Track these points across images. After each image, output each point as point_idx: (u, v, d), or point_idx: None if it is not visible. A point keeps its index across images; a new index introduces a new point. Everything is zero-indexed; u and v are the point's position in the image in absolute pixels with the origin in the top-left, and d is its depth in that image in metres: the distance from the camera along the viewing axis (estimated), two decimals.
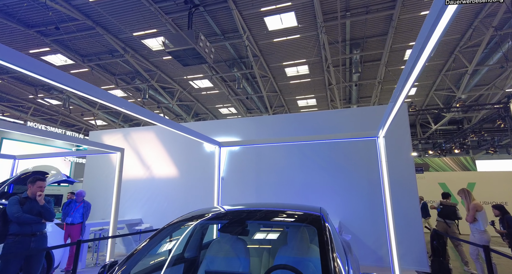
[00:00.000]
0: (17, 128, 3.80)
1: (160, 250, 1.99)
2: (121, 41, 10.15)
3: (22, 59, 1.88)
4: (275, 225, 2.29)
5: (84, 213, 5.06)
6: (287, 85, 13.68)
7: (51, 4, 7.95)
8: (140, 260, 1.75)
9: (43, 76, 2.01)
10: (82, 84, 2.31)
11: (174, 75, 12.76)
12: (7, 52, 1.75)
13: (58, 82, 2.13)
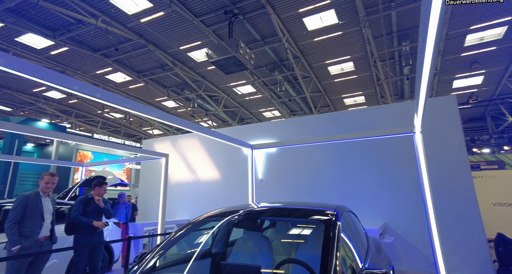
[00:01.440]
0: (85, 141, 4.39)
1: (184, 244, 2.11)
2: (170, 55, 10.99)
3: (79, 84, 2.20)
4: (291, 223, 2.31)
5: (127, 213, 5.57)
6: (332, 84, 13.24)
7: (111, 29, 9.00)
8: (166, 252, 1.92)
9: (95, 97, 2.32)
10: (127, 102, 2.62)
11: (219, 83, 13.32)
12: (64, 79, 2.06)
13: (112, 102, 2.46)
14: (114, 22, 8.91)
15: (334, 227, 1.81)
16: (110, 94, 2.64)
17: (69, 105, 16.23)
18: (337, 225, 1.82)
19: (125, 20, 8.99)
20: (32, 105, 15.51)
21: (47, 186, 3.09)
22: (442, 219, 4.28)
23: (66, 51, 10.66)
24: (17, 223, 2.93)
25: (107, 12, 8.57)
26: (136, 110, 2.78)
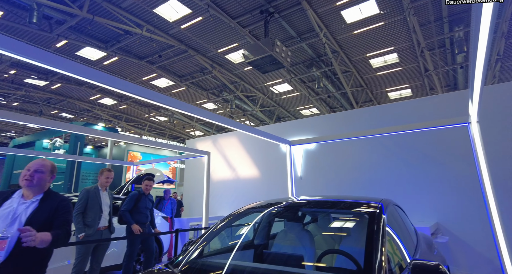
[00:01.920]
0: (136, 140, 4.76)
1: (227, 234, 2.17)
2: (208, 58, 11.39)
3: (133, 87, 2.41)
4: (333, 216, 2.24)
5: (172, 208, 5.95)
6: (374, 78, 12.58)
7: (155, 36, 9.61)
8: (211, 241, 2.01)
9: (145, 97, 2.52)
10: (174, 101, 2.79)
11: (256, 83, 13.45)
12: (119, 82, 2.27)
13: (158, 101, 2.66)
14: (157, 30, 9.50)
15: (379, 220, 1.72)
16: (165, 97, 2.86)
17: (120, 111, 17.69)
18: (382, 218, 1.73)
19: (167, 28, 9.52)
20: (89, 112, 17.23)
21: (107, 180, 3.53)
22: (509, 219, 3.80)
23: (116, 60, 11.65)
24: (81, 214, 3.34)
25: (150, 21, 9.17)
26: (188, 111, 3.02)
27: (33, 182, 1.71)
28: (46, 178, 1.78)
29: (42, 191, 1.78)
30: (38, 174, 1.73)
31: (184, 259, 1.81)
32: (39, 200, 1.72)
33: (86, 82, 13.78)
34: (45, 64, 2.00)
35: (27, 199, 1.71)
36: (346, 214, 2.15)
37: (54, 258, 1.79)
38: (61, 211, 1.72)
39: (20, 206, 1.66)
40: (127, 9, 8.59)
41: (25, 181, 1.69)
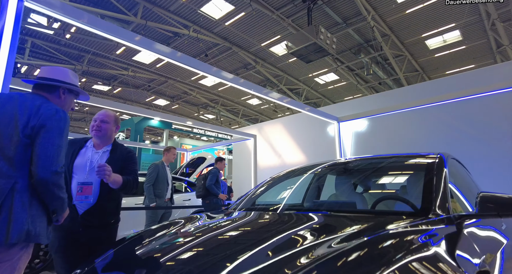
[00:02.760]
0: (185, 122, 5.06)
1: (275, 192, 2.17)
2: (252, 54, 11.52)
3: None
4: (386, 172, 2.02)
5: (223, 191, 6.23)
6: (431, 60, 11.42)
7: (201, 36, 10.04)
8: (259, 196, 2.08)
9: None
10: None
11: (299, 75, 13.21)
12: None
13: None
14: (202, 30, 9.90)
15: (439, 169, 1.52)
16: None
17: (172, 110, 18.91)
18: (443, 168, 1.53)
19: (211, 26, 9.86)
20: (186, 96, 18.44)
21: (173, 156, 4.05)
22: None
23: (167, 63, 12.46)
24: (152, 185, 3.75)
25: (196, 22, 9.58)
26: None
27: (101, 132, 1.85)
28: (112, 128, 1.90)
29: (110, 141, 1.92)
30: (104, 124, 1.85)
31: (238, 206, 1.94)
32: (109, 150, 1.88)
33: (142, 85, 15.02)
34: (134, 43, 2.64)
35: (98, 149, 1.87)
36: (402, 168, 1.95)
37: (122, 226, 1.99)
38: (130, 162, 1.89)
39: (94, 155, 1.83)
40: (175, 12, 9.10)
41: (95, 131, 1.84)
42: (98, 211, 1.73)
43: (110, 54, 11.70)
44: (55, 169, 1.25)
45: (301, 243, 1.03)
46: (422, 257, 0.88)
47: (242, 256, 0.92)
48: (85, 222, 1.70)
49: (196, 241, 1.16)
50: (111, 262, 1.22)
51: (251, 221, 1.48)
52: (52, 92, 1.50)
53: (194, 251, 1.07)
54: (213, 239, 1.18)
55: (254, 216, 1.59)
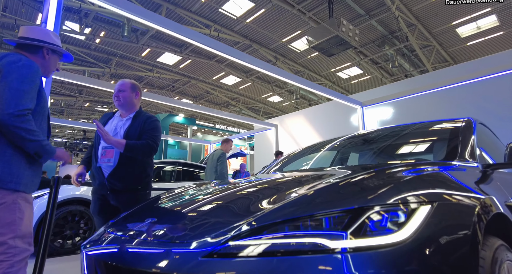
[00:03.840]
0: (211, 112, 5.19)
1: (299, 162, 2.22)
2: (272, 51, 11.55)
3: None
4: (409, 141, 1.95)
5: None
6: (463, 49, 10.85)
7: (222, 35, 10.22)
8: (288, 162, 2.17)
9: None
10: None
11: (321, 70, 13.06)
12: None
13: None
14: (223, 29, 10.08)
15: (468, 129, 1.50)
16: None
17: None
18: (472, 129, 1.51)
19: (232, 25, 10.02)
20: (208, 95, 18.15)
21: (231, 148, 4.58)
22: None
23: (189, 63, 12.81)
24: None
25: (217, 21, 9.78)
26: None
27: (121, 101, 1.99)
28: (130, 95, 2.02)
29: (134, 110, 2.05)
30: (121, 93, 2.00)
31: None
32: (131, 117, 2.02)
33: (167, 85, 15.53)
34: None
35: (123, 117, 2.04)
36: (429, 133, 1.89)
37: None
38: (147, 127, 1.97)
39: (119, 123, 2.01)
40: (197, 12, 9.34)
41: (115, 102, 2.01)
42: (119, 174, 1.87)
43: (136, 56, 12.22)
44: (11, 111, 1.23)
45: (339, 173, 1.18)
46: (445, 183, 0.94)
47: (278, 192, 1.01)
48: (111, 186, 1.87)
49: (223, 193, 1.24)
50: (136, 215, 1.32)
51: (280, 176, 1.57)
52: (35, 52, 1.49)
53: (223, 200, 1.16)
54: (245, 188, 1.26)
55: (283, 174, 1.69)
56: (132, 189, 1.91)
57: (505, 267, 0.79)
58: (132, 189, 1.91)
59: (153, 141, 1.92)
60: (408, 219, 0.72)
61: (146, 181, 2.00)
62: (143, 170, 1.98)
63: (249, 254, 0.71)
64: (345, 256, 0.65)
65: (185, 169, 5.07)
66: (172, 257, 0.76)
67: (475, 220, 0.76)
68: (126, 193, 1.89)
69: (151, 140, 1.92)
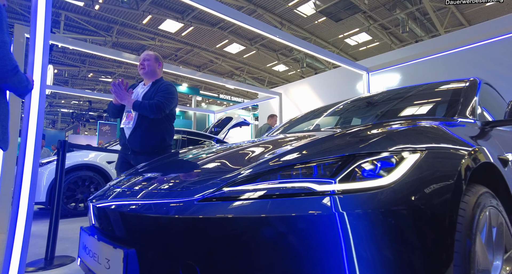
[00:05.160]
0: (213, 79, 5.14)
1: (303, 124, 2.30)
2: (277, 16, 11.02)
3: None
4: (411, 103, 1.95)
5: None
6: (481, 11, 10.18)
7: (225, 0, 9.73)
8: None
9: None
10: None
11: (328, 37, 12.53)
12: None
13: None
14: None
15: (471, 88, 1.50)
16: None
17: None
18: (475, 87, 1.51)
19: None
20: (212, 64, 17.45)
21: (275, 122, 4.74)
22: None
23: (192, 30, 12.37)
24: None
25: None
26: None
27: (145, 69, 2.16)
28: (154, 64, 2.18)
29: (156, 78, 2.23)
30: (146, 62, 2.16)
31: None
32: (150, 85, 2.19)
33: (169, 54, 15.18)
34: None
35: (146, 84, 2.22)
36: (432, 95, 1.89)
37: None
38: (161, 91, 2.09)
39: (141, 89, 2.20)
40: None
41: (140, 70, 2.17)
42: (137, 136, 2.03)
43: (137, 24, 11.83)
44: None
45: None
46: (434, 134, 0.98)
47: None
48: (131, 147, 2.05)
49: (224, 152, 1.29)
50: (140, 171, 1.40)
51: (281, 136, 1.63)
52: None
53: (228, 155, 1.21)
54: (245, 147, 1.30)
55: (285, 134, 1.76)
56: (150, 152, 2.04)
57: (488, 212, 0.83)
58: (149, 152, 2.04)
59: (162, 101, 2.02)
60: (396, 166, 0.74)
61: (164, 146, 2.12)
62: (160, 135, 2.10)
63: (242, 198, 0.75)
64: (333, 198, 0.68)
65: (190, 137, 5.14)
66: (171, 202, 0.81)
67: (461, 167, 0.78)
68: (144, 155, 2.02)
69: (160, 100, 2.02)
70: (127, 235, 0.88)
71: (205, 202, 0.77)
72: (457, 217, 0.72)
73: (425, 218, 0.69)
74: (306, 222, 0.66)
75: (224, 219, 0.71)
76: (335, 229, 0.64)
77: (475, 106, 1.38)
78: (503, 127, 1.38)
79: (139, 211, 0.86)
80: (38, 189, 3.34)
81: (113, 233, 0.93)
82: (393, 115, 1.77)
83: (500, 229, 0.89)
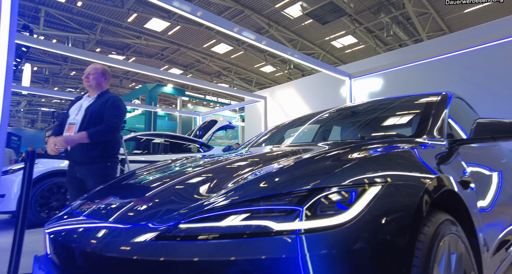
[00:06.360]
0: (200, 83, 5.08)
1: (280, 136, 2.31)
2: (265, 17, 11.01)
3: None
4: (384, 116, 1.99)
5: None
6: (460, 17, 10.49)
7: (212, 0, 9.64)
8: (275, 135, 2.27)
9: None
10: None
11: (315, 38, 12.62)
12: None
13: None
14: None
15: (441, 104, 1.53)
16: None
17: None
18: (444, 104, 1.55)
19: None
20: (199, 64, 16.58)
21: None
22: None
23: (178, 30, 12.20)
24: None
25: None
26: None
27: (90, 82, 2.14)
28: (100, 78, 2.17)
29: (101, 90, 2.20)
30: (91, 75, 2.14)
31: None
32: (96, 97, 2.16)
33: (156, 53, 14.90)
34: None
35: (90, 96, 2.18)
36: (406, 107, 1.93)
37: None
38: (109, 108, 2.06)
39: (85, 101, 2.15)
40: None
41: (85, 82, 2.16)
42: (77, 147, 1.99)
43: (122, 22, 11.56)
44: None
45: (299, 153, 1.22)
46: (404, 160, 0.99)
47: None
48: (73, 158, 2.03)
49: (185, 173, 1.24)
50: (100, 192, 1.33)
51: (253, 152, 1.59)
52: None
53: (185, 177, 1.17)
54: (208, 167, 1.27)
55: (259, 149, 1.73)
56: (91, 162, 2.02)
57: (447, 240, 0.83)
58: (90, 161, 2.02)
59: (114, 121, 2.03)
60: (357, 200, 0.73)
61: (107, 156, 2.08)
62: (102, 145, 2.05)
63: (198, 238, 0.72)
64: (292, 238, 0.66)
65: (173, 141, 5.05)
66: (127, 239, 0.77)
67: (420, 199, 0.78)
68: (86, 165, 2.01)
69: (112, 121, 2.03)
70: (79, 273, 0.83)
71: (159, 241, 0.73)
72: (415, 251, 0.72)
73: (385, 255, 0.68)
74: (263, 266, 0.64)
75: (176, 263, 0.67)
76: (296, 272, 0.62)
77: (443, 124, 1.40)
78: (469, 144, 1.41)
79: (84, 245, 0.82)
80: (8, 197, 3.20)
81: (65, 269, 0.88)
82: (367, 132, 1.78)
83: (459, 254, 0.89)
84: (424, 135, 1.32)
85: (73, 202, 1.34)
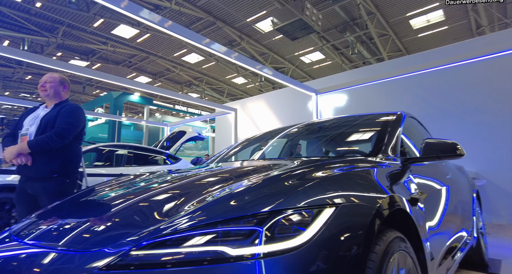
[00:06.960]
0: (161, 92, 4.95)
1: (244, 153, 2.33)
2: (237, 30, 11.19)
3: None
4: (345, 132, 2.11)
5: None
6: (415, 40, 11.51)
7: (184, 10, 9.61)
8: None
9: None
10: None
11: (285, 53, 13.05)
12: None
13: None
14: (185, 3, 9.46)
15: (395, 125, 1.65)
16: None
17: None
18: (398, 125, 1.67)
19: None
20: (169, 73, 16.21)
21: None
22: None
23: (148, 37, 11.94)
24: None
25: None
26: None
27: (47, 91, 2.01)
28: (58, 87, 2.05)
29: (59, 100, 2.08)
30: (48, 84, 2.02)
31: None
32: (53, 106, 2.03)
33: (123, 60, 14.36)
34: None
35: (47, 107, 2.06)
36: (363, 125, 2.06)
37: None
38: (62, 115, 1.92)
39: (42, 112, 2.02)
40: None
41: (42, 92, 2.03)
42: (34, 160, 1.84)
43: (87, 27, 11.06)
44: None
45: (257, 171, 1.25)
46: (360, 179, 1.04)
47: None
48: (26, 173, 1.87)
49: (143, 192, 1.18)
50: (48, 213, 1.23)
51: (214, 170, 1.58)
52: None
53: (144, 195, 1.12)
54: (167, 186, 1.22)
55: (226, 164, 1.73)
56: (47, 178, 1.85)
57: (396, 257, 0.88)
58: (46, 177, 1.85)
59: (62, 127, 1.86)
60: (313, 221, 0.74)
61: (68, 170, 1.93)
62: (62, 158, 1.90)
63: (150, 266, 0.68)
64: (251, 263, 0.66)
65: (138, 153, 4.83)
66: (67, 269, 0.71)
67: (372, 219, 0.82)
68: (41, 181, 1.84)
69: (60, 128, 1.86)
70: None
71: (108, 271, 0.68)
72: (366, 270, 0.75)
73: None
74: None
75: None
76: None
77: (397, 143, 1.50)
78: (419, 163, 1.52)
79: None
80: None
81: None
82: (331, 147, 1.86)
83: (407, 269, 0.95)
84: (380, 154, 1.40)
85: (14, 225, 1.21)
